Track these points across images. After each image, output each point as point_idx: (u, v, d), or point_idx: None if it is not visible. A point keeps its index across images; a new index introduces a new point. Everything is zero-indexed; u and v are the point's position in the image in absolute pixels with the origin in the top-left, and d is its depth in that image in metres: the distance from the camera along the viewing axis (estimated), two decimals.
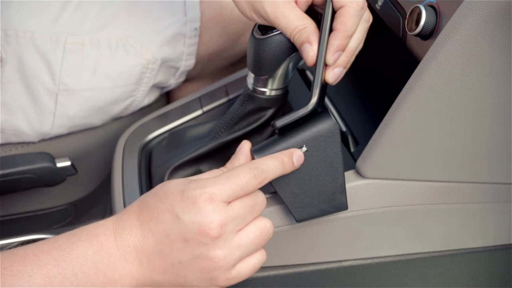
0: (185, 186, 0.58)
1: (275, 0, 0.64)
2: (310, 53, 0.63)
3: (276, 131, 0.65)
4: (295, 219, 0.67)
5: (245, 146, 0.67)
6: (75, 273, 0.57)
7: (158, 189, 0.60)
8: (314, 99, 0.63)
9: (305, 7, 0.66)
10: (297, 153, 0.63)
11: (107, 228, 0.59)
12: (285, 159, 0.61)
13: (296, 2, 0.65)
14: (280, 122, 0.63)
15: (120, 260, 0.58)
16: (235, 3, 0.68)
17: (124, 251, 0.58)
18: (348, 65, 0.65)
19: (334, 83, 0.65)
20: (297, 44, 0.64)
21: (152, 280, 0.59)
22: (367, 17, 0.66)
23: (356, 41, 0.64)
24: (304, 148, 0.63)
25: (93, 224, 0.60)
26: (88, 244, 0.58)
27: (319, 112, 0.65)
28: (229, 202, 0.58)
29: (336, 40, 0.62)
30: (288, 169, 0.62)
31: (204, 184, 0.58)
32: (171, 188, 0.59)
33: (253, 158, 0.65)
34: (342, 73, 0.65)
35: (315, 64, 0.63)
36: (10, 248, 0.60)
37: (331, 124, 0.63)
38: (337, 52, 0.63)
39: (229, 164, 0.67)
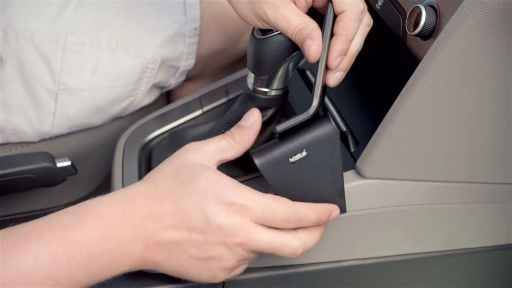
0: (220, 190, 0.60)
1: (275, 1, 0.64)
2: (312, 46, 0.62)
3: (277, 135, 0.65)
4: None
5: (255, 114, 0.68)
6: (81, 252, 0.58)
7: (178, 171, 0.62)
8: (315, 103, 0.63)
9: (305, 10, 0.66)
10: (335, 213, 0.65)
11: (116, 207, 0.60)
12: (323, 216, 0.64)
13: (295, 3, 0.65)
14: (281, 127, 0.63)
15: (127, 241, 0.59)
16: (234, 8, 0.68)
17: (134, 233, 0.59)
18: (348, 68, 0.65)
19: (334, 86, 0.65)
20: (298, 41, 0.64)
21: (154, 263, 0.61)
22: (368, 21, 0.66)
23: (357, 45, 0.65)
24: (304, 153, 0.64)
25: (99, 201, 0.61)
26: (94, 224, 0.59)
27: (320, 115, 0.65)
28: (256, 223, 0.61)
29: (338, 45, 0.62)
30: (321, 224, 0.64)
31: (242, 195, 0.60)
32: (203, 186, 0.60)
33: (253, 162, 0.65)
34: (343, 76, 0.65)
35: (317, 63, 0.63)
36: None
37: (331, 129, 0.63)
38: (339, 56, 0.63)
39: (234, 129, 0.68)
